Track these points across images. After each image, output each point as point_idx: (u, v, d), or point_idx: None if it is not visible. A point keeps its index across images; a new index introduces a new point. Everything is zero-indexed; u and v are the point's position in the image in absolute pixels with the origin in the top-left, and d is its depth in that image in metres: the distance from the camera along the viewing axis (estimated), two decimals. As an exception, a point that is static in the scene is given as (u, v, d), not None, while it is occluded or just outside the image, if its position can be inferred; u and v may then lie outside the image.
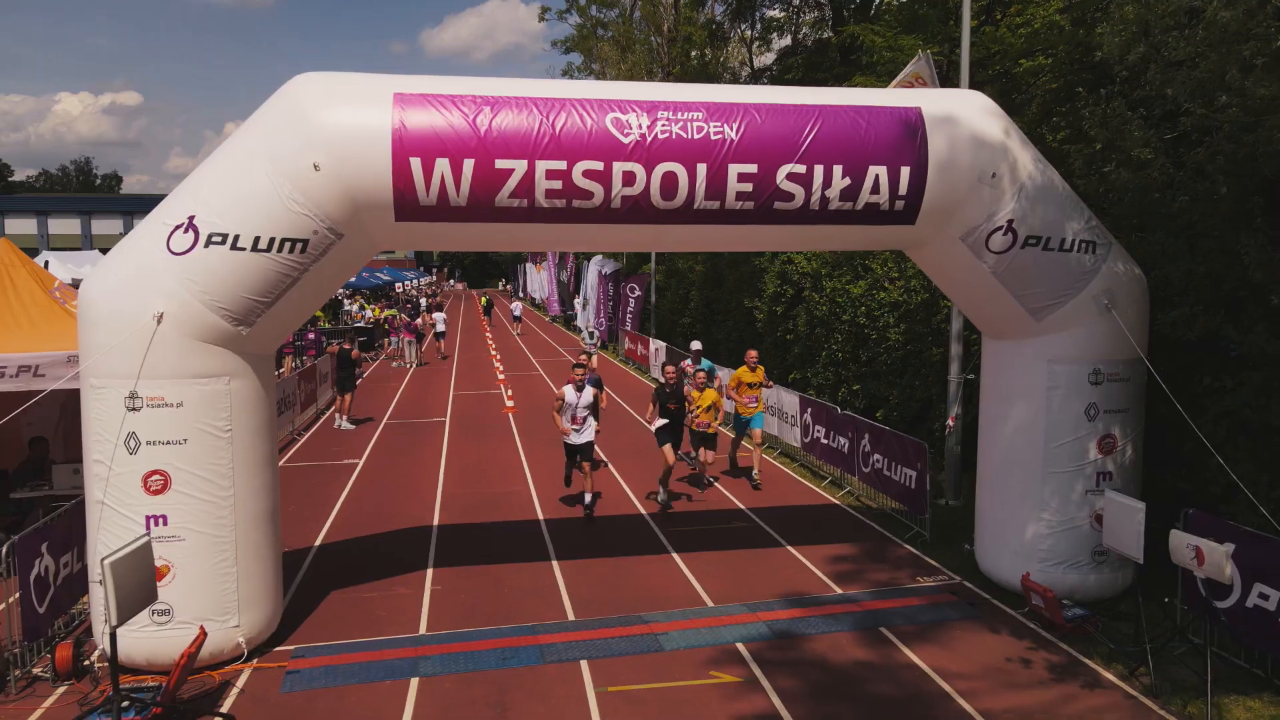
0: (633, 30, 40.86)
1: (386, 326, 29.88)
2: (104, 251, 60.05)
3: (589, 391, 11.00)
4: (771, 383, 13.44)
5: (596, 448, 12.07)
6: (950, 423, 11.70)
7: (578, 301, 41.35)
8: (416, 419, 18.56)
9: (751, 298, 19.98)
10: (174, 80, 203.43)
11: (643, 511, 11.50)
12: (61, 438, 11.47)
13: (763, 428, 13.06)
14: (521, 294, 67.54)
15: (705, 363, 14.96)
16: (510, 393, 21.21)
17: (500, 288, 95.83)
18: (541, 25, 69.44)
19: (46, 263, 43.15)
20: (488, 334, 40.16)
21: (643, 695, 6.62)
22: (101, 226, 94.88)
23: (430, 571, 9.27)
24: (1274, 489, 7.17)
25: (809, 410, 13.61)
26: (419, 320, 31.32)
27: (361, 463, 14.45)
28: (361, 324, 31.95)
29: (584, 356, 13.89)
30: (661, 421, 11.49)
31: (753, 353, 13.04)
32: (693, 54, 27.68)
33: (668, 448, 11.40)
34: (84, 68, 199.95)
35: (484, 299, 51.93)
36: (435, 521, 11.10)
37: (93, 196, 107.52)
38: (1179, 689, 6.58)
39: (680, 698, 6.58)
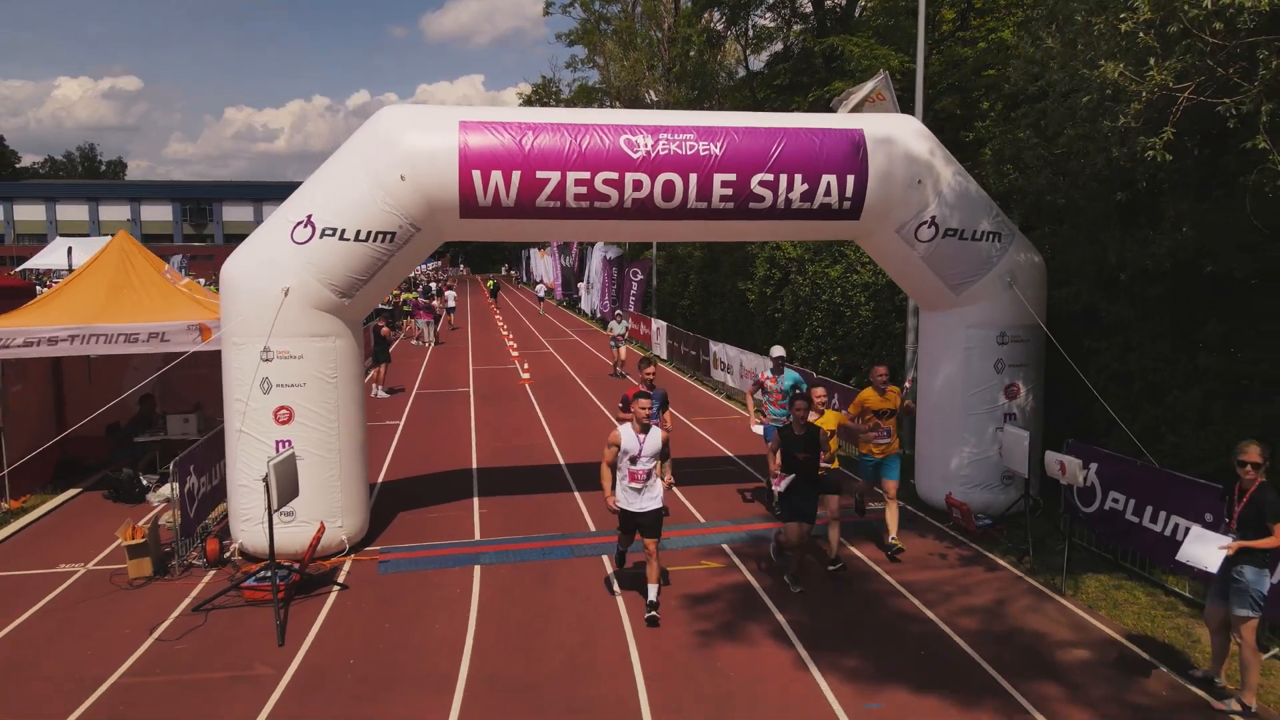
0: (634, 25, 42.83)
1: (407, 309, 32.04)
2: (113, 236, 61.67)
3: (656, 435, 7.67)
4: (911, 405, 10.11)
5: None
6: (907, 385, 13.85)
7: (581, 286, 43.50)
8: (443, 389, 20.77)
9: (744, 280, 22.12)
10: (173, 65, 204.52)
11: (647, 458, 13.70)
12: (159, 396, 13.67)
13: (899, 479, 9.47)
14: (525, 279, 69.74)
15: (790, 374, 11.03)
16: (526, 366, 23.41)
17: (503, 273, 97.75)
18: (543, 10, 71.40)
19: (70, 249, 45.29)
20: (497, 315, 42.32)
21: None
22: (109, 212, 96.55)
23: (476, 499, 11.48)
24: (1134, 424, 9.32)
25: (789, 376, 15.78)
26: (436, 302, 33.49)
27: (402, 423, 16.65)
28: (384, 305, 34.12)
29: (650, 370, 10.10)
30: (789, 479, 8.16)
31: (882, 368, 9.51)
32: (691, 53, 29.74)
33: (794, 526, 8.23)
34: (83, 52, 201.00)
35: (490, 283, 54.02)
36: (474, 465, 13.32)
37: (100, 183, 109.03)
38: (1050, 569, 8.77)
39: (678, 576, 8.78)
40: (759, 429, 10.17)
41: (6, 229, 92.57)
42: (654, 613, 7.64)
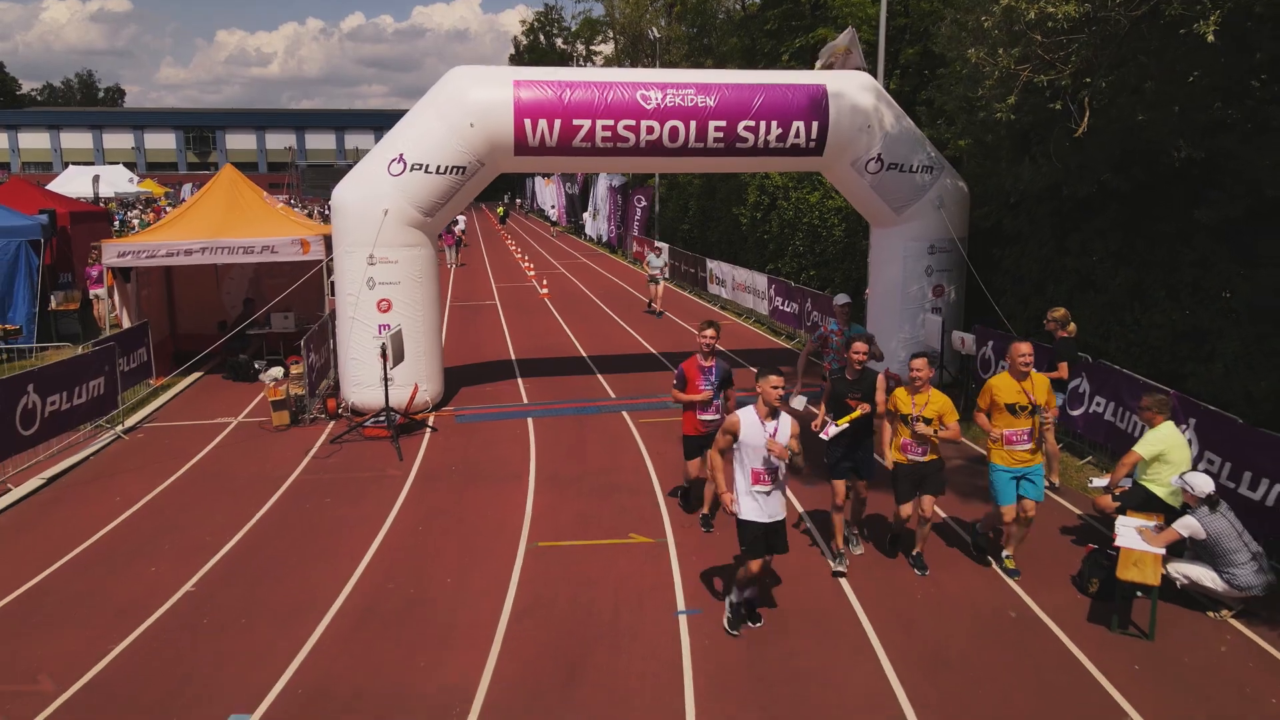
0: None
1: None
2: (127, 165, 63.44)
3: (788, 424, 6.19)
4: (1054, 406, 7.58)
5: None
6: (868, 293, 16.79)
7: (586, 215, 46.02)
8: (472, 302, 23.73)
9: (738, 206, 24.86)
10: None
11: (652, 350, 16.77)
12: (257, 299, 16.61)
13: (1042, 499, 7.37)
14: (530, 207, 72.06)
15: (858, 329, 10.05)
16: (544, 281, 26.33)
17: (506, 200, 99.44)
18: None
19: (97, 177, 47.52)
20: (508, 240, 45.02)
21: (657, 425, 11.88)
22: (112, 140, 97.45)
23: (519, 379, 14.55)
24: (1026, 312, 12.29)
25: (773, 286, 18.76)
26: (457, 229, 36.21)
27: (444, 327, 19.63)
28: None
29: (709, 335, 8.20)
30: (836, 429, 7.25)
31: (1025, 346, 7.24)
32: (691, -5, 31.88)
33: (839, 484, 7.35)
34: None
35: (500, 209, 56.40)
36: (513, 356, 16.38)
37: (103, 110, 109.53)
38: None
39: (680, 428, 11.84)
40: (832, 430, 7.31)
41: (12, 157, 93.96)
42: (740, 626, 6.29)
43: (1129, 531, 6.69)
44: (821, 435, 7.36)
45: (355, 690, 5.74)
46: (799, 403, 7.86)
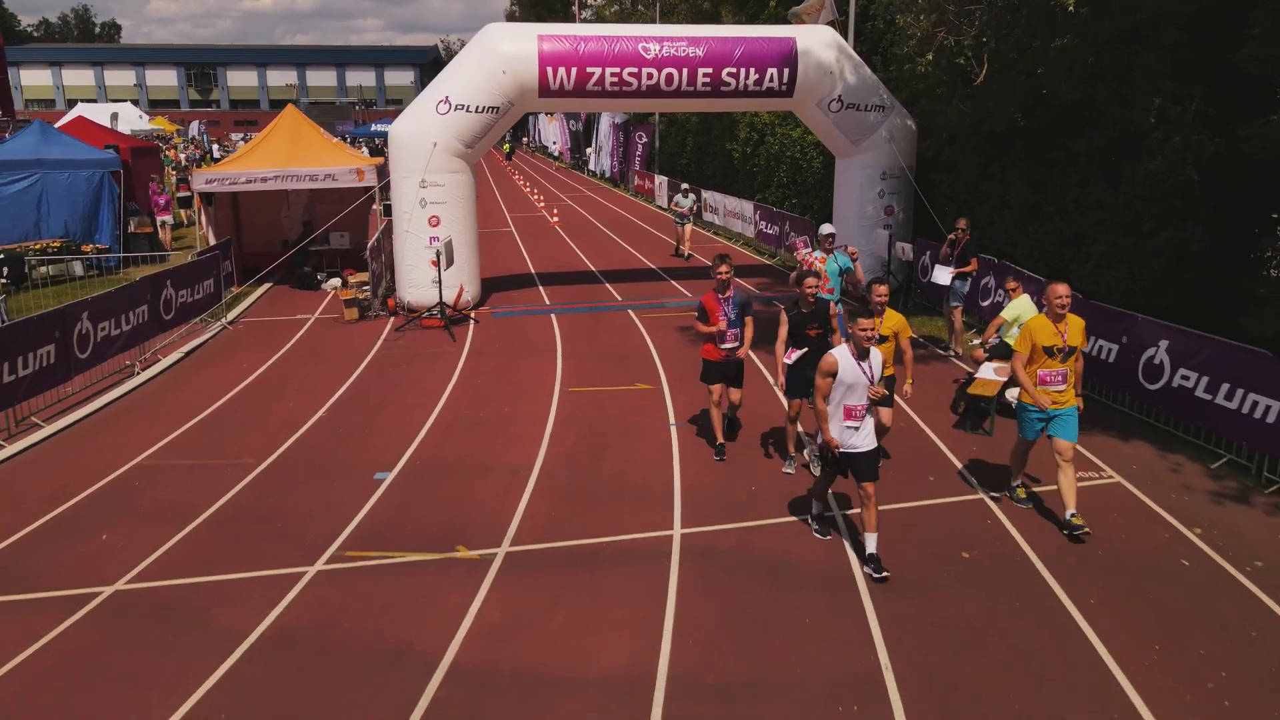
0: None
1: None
2: (134, 103, 64.82)
3: (878, 359, 6.56)
4: (1084, 346, 7.36)
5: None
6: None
7: (590, 150, 48.19)
8: (489, 229, 26.33)
9: (730, 141, 27.30)
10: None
11: (650, 264, 19.51)
12: (314, 221, 19.26)
13: (1076, 440, 7.22)
14: (535, 143, 73.89)
15: (842, 258, 10.66)
16: (554, 211, 28.90)
17: (510, 138, 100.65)
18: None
19: (115, 114, 49.53)
20: (516, 176, 47.32)
21: (656, 319, 14.67)
22: (114, 77, 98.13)
23: (541, 288, 17.32)
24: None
25: (758, 212, 21.41)
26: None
27: (469, 250, 22.30)
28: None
29: (724, 269, 8.47)
30: (797, 354, 8.05)
31: (1062, 288, 7.20)
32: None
33: (796, 401, 8.19)
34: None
35: (506, 146, 58.35)
36: (532, 270, 19.12)
37: (104, 48, 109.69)
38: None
39: (674, 321, 14.65)
40: (795, 355, 8.13)
41: (14, 94, 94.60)
42: (881, 571, 6.45)
43: (989, 370, 9.53)
44: (785, 360, 8.08)
45: (455, 461, 8.65)
46: (796, 356, 8.14)
